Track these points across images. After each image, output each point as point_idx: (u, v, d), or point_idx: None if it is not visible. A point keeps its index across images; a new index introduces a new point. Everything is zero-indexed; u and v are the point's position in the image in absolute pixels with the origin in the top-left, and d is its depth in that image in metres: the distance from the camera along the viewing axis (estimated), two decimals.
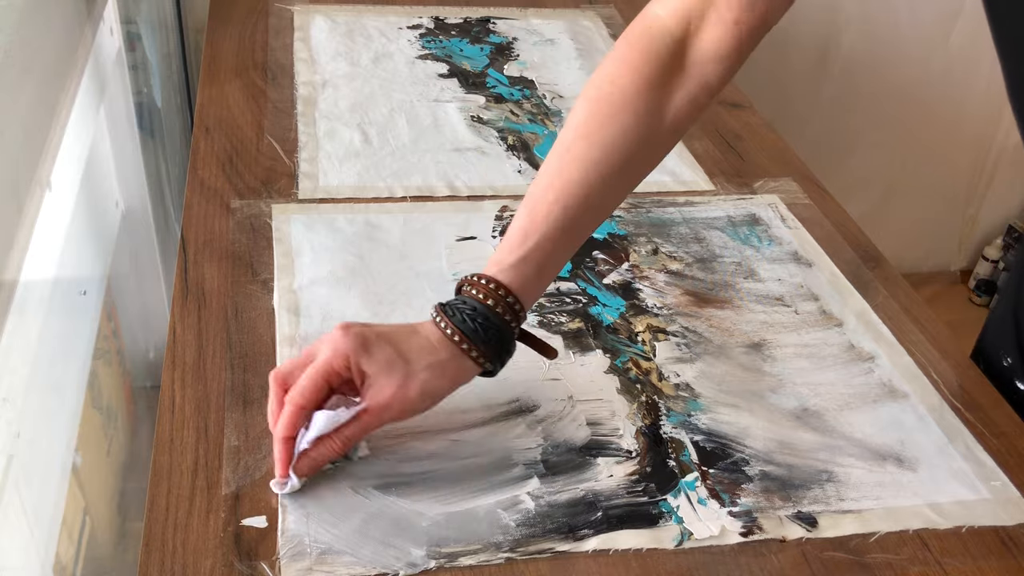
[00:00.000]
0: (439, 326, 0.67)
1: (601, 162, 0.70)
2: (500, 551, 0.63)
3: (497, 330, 0.67)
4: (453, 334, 0.67)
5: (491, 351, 0.67)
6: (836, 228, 1.00)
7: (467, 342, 0.66)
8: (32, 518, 0.77)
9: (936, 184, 2.23)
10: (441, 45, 1.29)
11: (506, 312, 0.67)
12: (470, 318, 0.66)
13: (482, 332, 0.67)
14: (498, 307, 0.67)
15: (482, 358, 0.67)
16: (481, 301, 0.67)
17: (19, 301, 0.76)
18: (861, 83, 2.02)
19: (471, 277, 0.69)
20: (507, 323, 0.68)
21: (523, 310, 0.69)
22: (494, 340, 0.67)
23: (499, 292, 0.67)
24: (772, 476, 0.71)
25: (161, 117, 1.45)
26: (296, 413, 0.64)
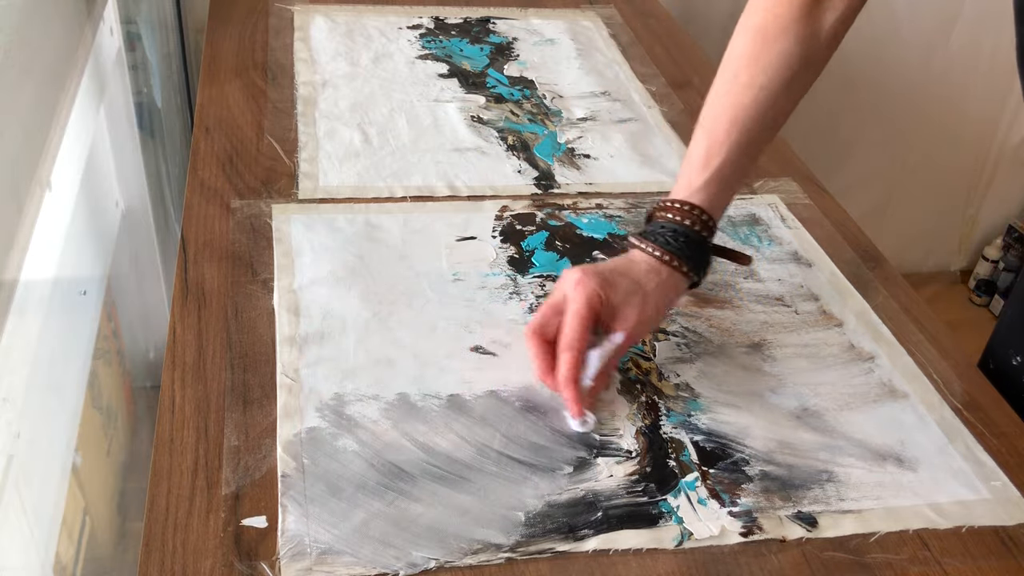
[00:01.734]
0: (648, 252, 0.76)
1: (768, 86, 0.77)
2: (500, 551, 0.63)
3: (698, 245, 0.76)
4: (663, 255, 0.75)
5: (696, 264, 0.76)
6: (836, 228, 1.00)
7: (677, 259, 0.75)
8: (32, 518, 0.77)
9: (936, 184, 2.23)
10: (441, 45, 1.29)
11: (703, 228, 0.76)
12: (673, 239, 0.75)
13: (687, 249, 0.75)
14: (695, 225, 0.76)
15: (691, 271, 0.76)
16: (679, 223, 0.76)
17: (19, 301, 0.76)
18: (861, 83, 2.02)
19: (663, 202, 0.78)
20: (704, 238, 0.77)
21: (715, 224, 0.77)
22: (697, 254, 0.76)
23: (694, 212, 0.76)
24: (772, 476, 0.71)
25: (161, 117, 1.45)
26: (576, 358, 0.71)
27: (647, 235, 0.77)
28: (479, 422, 0.72)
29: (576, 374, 0.71)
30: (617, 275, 0.74)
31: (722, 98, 0.78)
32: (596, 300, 0.71)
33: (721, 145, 0.77)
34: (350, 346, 0.77)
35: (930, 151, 2.16)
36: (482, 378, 0.76)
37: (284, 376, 0.74)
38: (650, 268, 0.75)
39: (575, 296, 0.71)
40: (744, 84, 0.78)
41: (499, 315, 0.83)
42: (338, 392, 0.73)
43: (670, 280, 0.76)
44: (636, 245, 0.77)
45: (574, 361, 0.70)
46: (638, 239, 0.77)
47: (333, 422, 0.70)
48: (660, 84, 1.25)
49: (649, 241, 0.76)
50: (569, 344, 0.71)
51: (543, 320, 0.73)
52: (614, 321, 0.73)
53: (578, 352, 0.71)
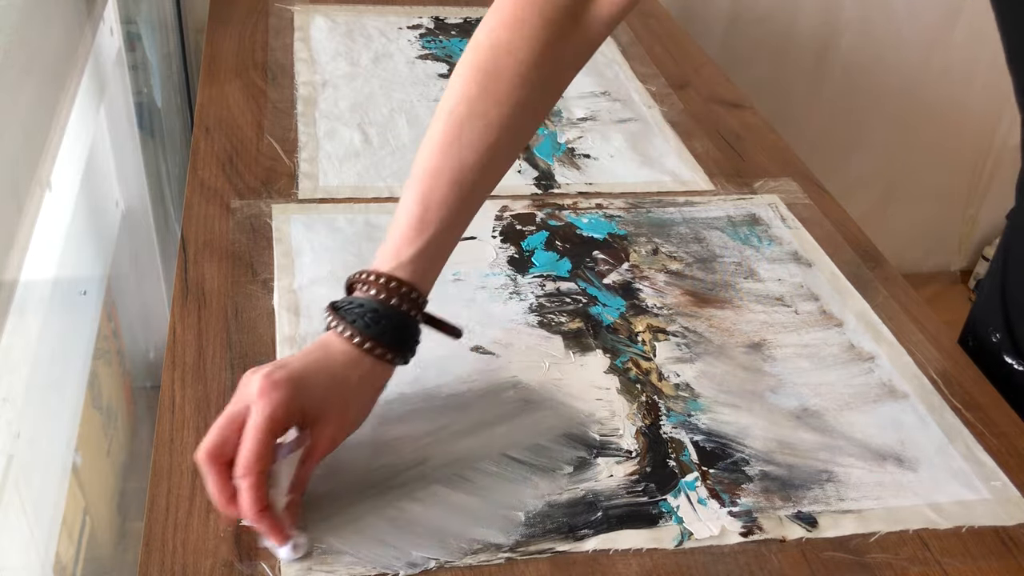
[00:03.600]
0: (345, 337, 0.64)
1: (497, 144, 0.68)
2: (500, 551, 0.63)
3: (404, 327, 0.66)
4: (363, 341, 0.64)
5: (401, 347, 0.66)
6: (836, 228, 1.00)
7: (380, 347, 0.64)
8: (32, 518, 0.77)
9: (936, 184, 2.23)
10: (441, 45, 1.29)
11: (410, 307, 0.66)
12: (373, 321, 0.64)
13: (390, 333, 0.64)
14: (402, 304, 0.65)
15: (396, 357, 0.66)
16: (382, 301, 0.65)
17: (19, 301, 0.76)
18: (861, 83, 2.02)
19: (363, 275, 0.66)
20: (411, 317, 0.66)
21: (424, 300, 0.67)
22: (400, 336, 0.65)
23: (401, 289, 0.65)
24: (772, 476, 0.71)
25: (161, 117, 1.45)
26: (257, 482, 0.58)
27: (343, 312, 0.64)
28: (479, 422, 0.72)
29: (262, 502, 0.58)
30: (311, 374, 0.62)
31: (440, 156, 0.67)
32: (282, 412, 0.59)
33: (437, 208, 0.66)
34: None
35: (930, 151, 2.16)
36: (482, 378, 0.76)
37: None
38: (349, 359, 0.64)
39: (256, 409, 0.59)
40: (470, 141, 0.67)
41: (499, 315, 0.83)
42: None
43: (374, 370, 0.65)
44: (331, 326, 0.65)
45: (255, 486, 0.58)
46: (333, 317, 0.65)
47: None
48: (660, 84, 1.25)
49: (346, 322, 0.64)
50: (247, 468, 0.58)
51: (220, 439, 0.59)
52: (313, 426, 0.62)
53: (258, 475, 0.58)
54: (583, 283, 0.88)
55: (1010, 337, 0.86)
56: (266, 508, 0.59)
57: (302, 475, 0.62)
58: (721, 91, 1.26)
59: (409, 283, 0.66)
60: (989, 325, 0.89)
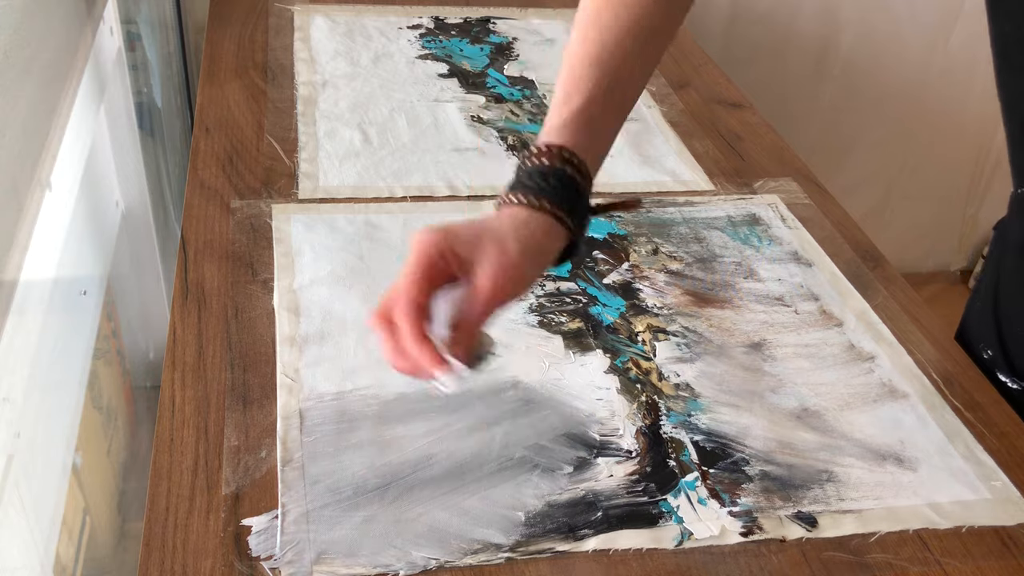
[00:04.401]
0: (510, 200, 0.64)
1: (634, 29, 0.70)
2: (500, 551, 0.63)
3: (559, 178, 0.64)
4: (513, 196, 0.64)
5: (560, 201, 0.64)
6: (836, 228, 1.00)
7: (532, 195, 0.63)
8: (32, 518, 0.77)
9: (936, 184, 2.23)
10: (441, 45, 1.29)
11: (565, 165, 0.65)
12: (527, 178, 0.64)
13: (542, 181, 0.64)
14: (556, 162, 0.65)
15: (555, 207, 0.63)
16: (535, 164, 0.65)
17: (19, 301, 0.76)
18: (861, 83, 2.02)
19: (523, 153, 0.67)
20: (567, 174, 0.65)
21: (580, 162, 0.66)
22: (559, 190, 0.64)
23: (552, 150, 0.65)
24: (772, 476, 0.71)
25: (161, 117, 1.45)
26: (414, 315, 0.57)
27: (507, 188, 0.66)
28: (479, 422, 0.72)
29: (416, 331, 0.57)
30: (464, 227, 0.62)
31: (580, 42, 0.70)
32: (432, 250, 0.59)
33: (583, 81, 0.68)
34: (350, 346, 0.77)
35: (930, 151, 2.16)
36: (482, 378, 0.76)
37: (284, 376, 0.74)
38: (504, 214, 0.63)
39: (410, 254, 0.60)
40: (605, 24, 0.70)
41: (499, 315, 0.82)
42: (338, 392, 0.73)
43: (531, 221, 0.63)
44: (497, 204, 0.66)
45: (407, 314, 0.57)
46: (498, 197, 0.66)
47: (333, 422, 0.70)
48: (660, 84, 1.25)
49: (505, 191, 0.65)
50: (396, 299, 0.58)
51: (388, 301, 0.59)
52: (472, 273, 0.60)
53: (409, 303, 0.57)
54: (583, 283, 0.88)
55: (1004, 354, 0.85)
56: (423, 338, 0.57)
57: (473, 314, 0.60)
58: (721, 91, 1.26)
59: (559, 145, 0.65)
60: (981, 342, 0.87)
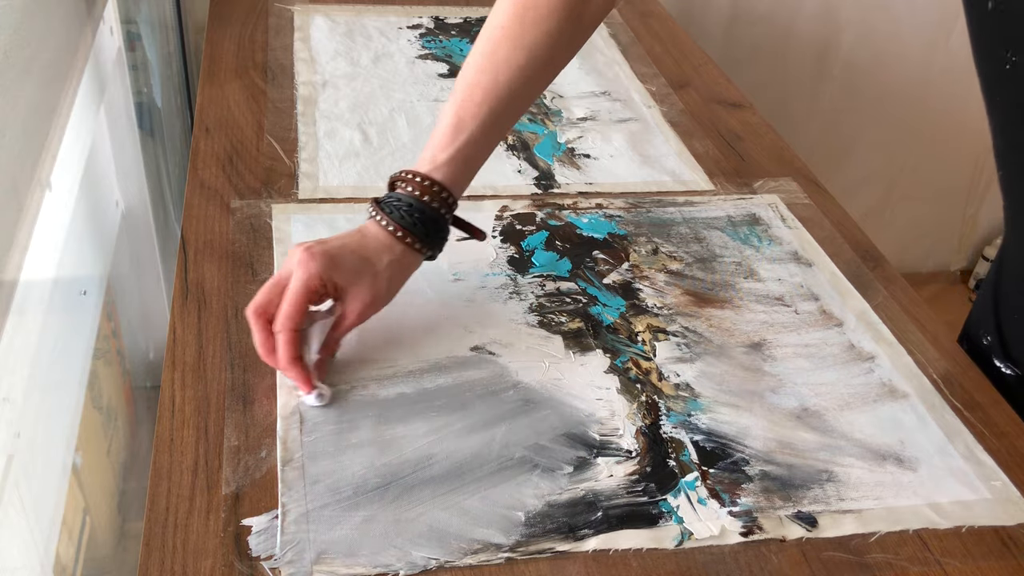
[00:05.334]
0: (382, 225, 0.74)
1: (526, 66, 0.77)
2: (500, 551, 0.63)
3: (434, 222, 0.75)
4: (396, 230, 0.74)
5: (431, 240, 0.76)
6: (836, 228, 1.00)
7: (411, 236, 0.74)
8: (32, 518, 0.77)
9: (936, 184, 2.23)
10: (441, 45, 1.29)
11: (441, 205, 0.76)
12: (407, 214, 0.74)
13: (421, 225, 0.75)
14: (433, 201, 0.75)
15: (425, 248, 0.76)
16: (417, 198, 0.75)
17: (19, 301, 0.76)
18: (861, 83, 2.02)
19: (404, 174, 0.76)
20: (442, 215, 0.76)
21: (455, 201, 0.77)
22: (432, 231, 0.75)
23: (433, 188, 0.75)
24: (772, 476, 0.71)
25: (161, 117, 1.45)
26: (292, 336, 0.70)
27: (384, 206, 0.75)
28: (479, 422, 0.72)
29: (294, 353, 0.70)
30: (346, 253, 0.72)
31: (477, 72, 0.77)
32: (316, 282, 0.70)
33: (469, 123, 0.76)
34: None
35: (930, 151, 2.16)
36: (482, 378, 0.76)
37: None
38: (382, 245, 0.74)
39: (296, 276, 0.70)
40: (500, 61, 0.76)
41: (499, 315, 0.83)
42: (338, 392, 0.73)
43: (404, 257, 0.75)
44: (371, 216, 0.76)
45: (289, 341, 0.69)
46: (375, 208, 0.75)
47: (333, 422, 0.70)
48: (660, 84, 1.25)
49: (385, 214, 0.75)
50: (282, 325, 0.69)
51: (265, 299, 0.71)
52: (343, 301, 0.73)
53: (291, 331, 0.69)
54: (583, 283, 0.88)
55: (1000, 341, 0.86)
56: (298, 359, 0.70)
57: (332, 340, 0.73)
58: (721, 91, 1.26)
59: (441, 184, 0.76)
60: (982, 328, 0.89)
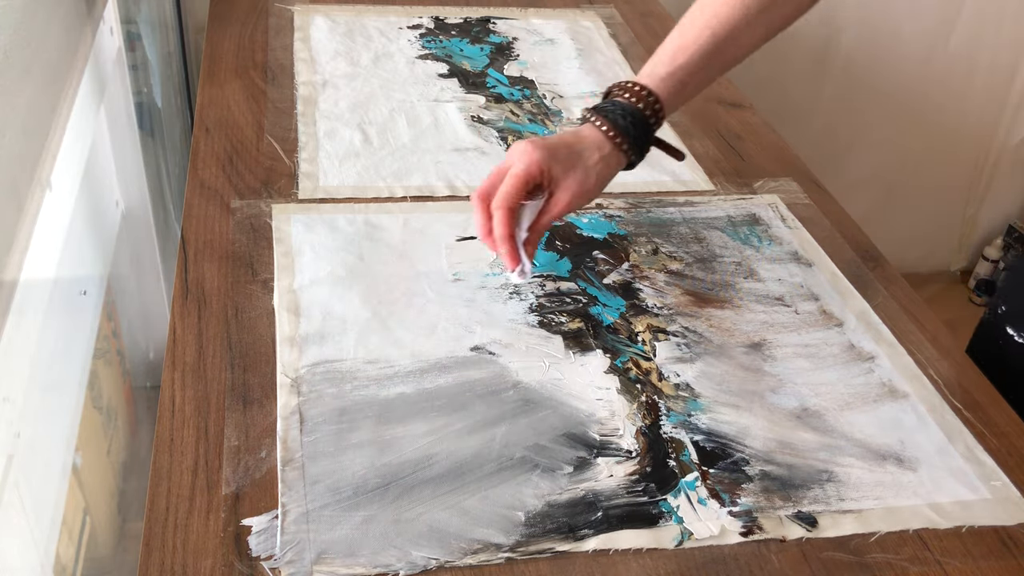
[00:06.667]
0: (597, 126, 0.80)
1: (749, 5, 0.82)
2: (500, 551, 0.63)
3: (643, 128, 0.81)
4: (609, 130, 0.80)
5: (637, 145, 0.81)
6: (836, 228, 1.00)
7: (621, 137, 0.80)
8: (32, 518, 0.77)
9: (936, 184, 2.23)
10: (441, 45, 1.29)
11: (652, 115, 0.81)
12: (622, 117, 0.80)
13: (633, 129, 0.80)
14: (647, 110, 0.81)
15: (631, 151, 0.81)
16: (633, 104, 0.80)
17: (19, 301, 0.76)
18: (861, 83, 2.02)
19: (624, 83, 0.82)
20: (650, 124, 0.81)
21: (663, 115, 0.82)
22: (640, 137, 0.81)
23: (649, 98, 0.81)
24: (772, 476, 0.71)
25: (161, 117, 1.45)
26: (507, 214, 0.76)
27: (601, 110, 0.81)
28: (479, 422, 0.72)
29: (509, 230, 0.76)
30: (562, 147, 0.79)
31: (704, 5, 0.83)
32: (536, 168, 0.76)
33: (691, 46, 0.81)
34: (350, 346, 0.77)
35: (930, 151, 2.16)
36: (482, 378, 0.76)
37: (284, 376, 0.74)
38: (595, 143, 0.80)
39: (517, 164, 0.77)
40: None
41: (499, 315, 0.83)
42: (338, 392, 0.73)
43: (612, 155, 0.80)
44: (588, 119, 0.81)
45: (505, 217, 0.76)
46: (591, 113, 0.81)
47: (333, 422, 0.70)
48: None
49: (601, 116, 0.80)
50: (500, 202, 0.76)
51: (489, 185, 0.78)
52: (556, 189, 0.78)
53: (508, 210, 0.76)
54: (583, 283, 0.88)
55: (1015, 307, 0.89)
56: (510, 236, 0.76)
57: (541, 223, 0.79)
58: (721, 91, 1.26)
59: (657, 96, 0.81)
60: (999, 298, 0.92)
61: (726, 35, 0.82)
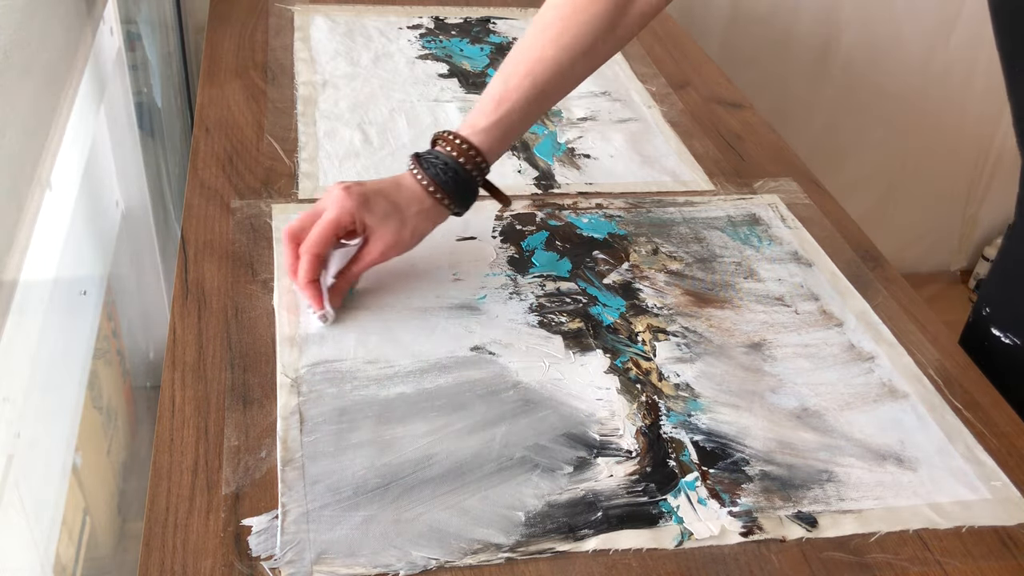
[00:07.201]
0: (417, 179, 0.80)
1: (572, 46, 0.81)
2: (500, 551, 0.63)
3: (465, 183, 0.81)
4: (429, 185, 0.80)
5: (459, 199, 0.81)
6: (836, 228, 1.00)
7: (442, 192, 0.80)
8: (32, 518, 0.77)
9: (936, 184, 2.23)
10: (441, 45, 1.29)
11: (474, 168, 0.81)
12: (443, 172, 0.80)
13: (453, 184, 0.80)
14: (468, 164, 0.80)
15: (453, 205, 0.81)
16: (454, 159, 0.80)
17: (19, 301, 0.76)
18: (861, 83, 2.02)
19: (446, 134, 0.81)
20: (473, 177, 0.81)
21: (487, 167, 0.82)
22: (462, 191, 0.81)
23: (470, 152, 0.80)
24: (772, 476, 0.71)
25: (161, 117, 1.45)
26: (313, 260, 0.77)
27: (423, 161, 0.81)
28: (479, 422, 0.72)
29: (313, 275, 0.77)
30: (380, 196, 0.79)
31: (526, 49, 0.82)
32: (347, 217, 0.77)
33: (512, 93, 0.81)
34: (350, 346, 0.77)
35: (930, 151, 2.16)
36: (482, 378, 0.76)
37: (284, 376, 0.74)
38: (414, 196, 0.80)
39: (329, 209, 0.78)
40: (550, 39, 0.81)
41: (499, 315, 0.83)
42: (338, 392, 0.73)
43: (433, 208, 0.81)
44: (409, 168, 0.82)
45: (311, 263, 0.77)
46: (414, 163, 0.81)
47: (333, 422, 0.70)
48: (660, 84, 1.26)
49: (422, 169, 0.80)
50: (307, 248, 0.77)
51: (300, 225, 0.79)
52: (369, 239, 0.79)
53: (315, 256, 0.77)
54: (583, 283, 0.88)
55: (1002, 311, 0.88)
56: (314, 281, 0.77)
57: (352, 271, 0.80)
58: (721, 91, 1.26)
59: (478, 149, 0.81)
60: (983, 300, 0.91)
61: (547, 80, 0.81)
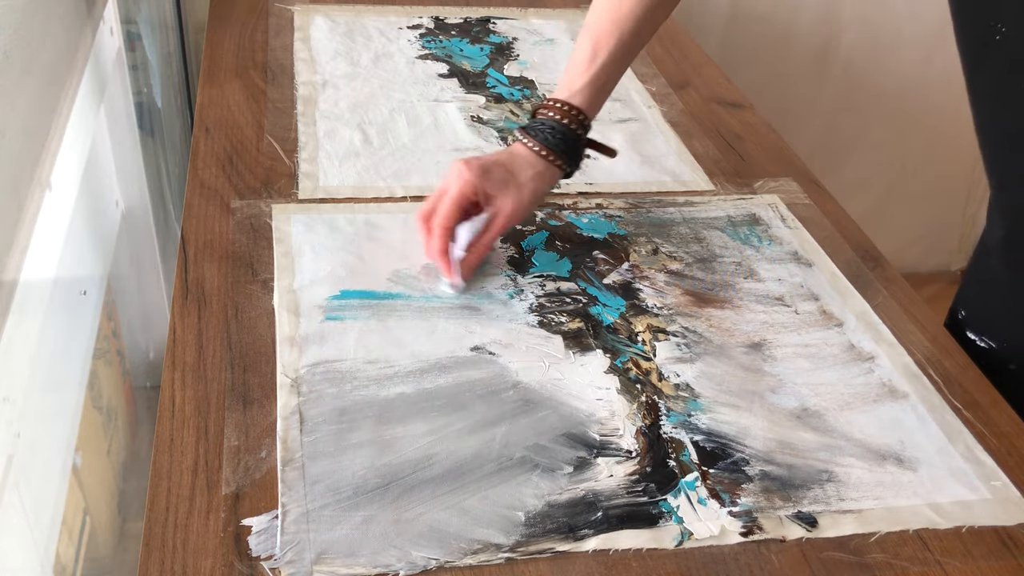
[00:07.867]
0: (528, 146, 0.87)
1: None
2: (500, 551, 0.63)
3: (572, 142, 0.87)
4: (541, 150, 0.86)
5: (569, 158, 0.87)
6: (836, 228, 1.00)
7: (552, 154, 0.86)
8: (32, 518, 0.77)
9: (936, 184, 2.23)
10: (441, 45, 1.29)
11: (578, 127, 0.87)
12: (551, 135, 0.86)
13: (561, 145, 0.86)
14: (572, 124, 0.87)
15: (564, 164, 0.87)
16: (558, 121, 0.86)
17: (19, 301, 0.76)
18: (861, 83, 2.02)
19: (547, 101, 0.88)
20: (579, 135, 0.88)
21: (589, 123, 0.88)
22: (571, 150, 0.87)
23: (572, 112, 0.87)
24: (772, 476, 0.71)
25: (161, 117, 1.45)
26: (444, 233, 0.82)
27: (530, 130, 0.87)
28: (479, 422, 0.72)
29: (442, 247, 0.82)
30: (496, 166, 0.85)
31: (604, 6, 0.88)
32: (469, 189, 0.82)
33: (603, 48, 0.87)
34: (350, 346, 0.77)
35: (930, 151, 2.16)
36: (482, 378, 0.76)
37: (284, 376, 0.74)
38: (528, 161, 0.86)
39: (453, 185, 0.83)
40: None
41: (499, 315, 0.83)
42: (338, 392, 0.73)
43: (546, 172, 0.87)
44: (519, 139, 0.87)
45: (441, 236, 0.82)
46: (522, 133, 0.87)
47: (333, 422, 0.70)
48: (660, 84, 1.26)
49: (531, 136, 0.86)
50: (437, 222, 0.82)
51: (430, 206, 0.84)
52: (493, 207, 0.84)
53: (444, 229, 0.82)
54: (583, 283, 0.88)
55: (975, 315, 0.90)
56: (444, 252, 0.83)
57: (484, 240, 0.85)
58: (721, 91, 1.26)
59: (579, 108, 0.87)
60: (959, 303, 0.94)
61: (631, 30, 0.87)
